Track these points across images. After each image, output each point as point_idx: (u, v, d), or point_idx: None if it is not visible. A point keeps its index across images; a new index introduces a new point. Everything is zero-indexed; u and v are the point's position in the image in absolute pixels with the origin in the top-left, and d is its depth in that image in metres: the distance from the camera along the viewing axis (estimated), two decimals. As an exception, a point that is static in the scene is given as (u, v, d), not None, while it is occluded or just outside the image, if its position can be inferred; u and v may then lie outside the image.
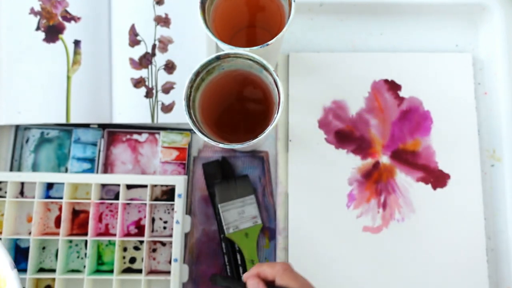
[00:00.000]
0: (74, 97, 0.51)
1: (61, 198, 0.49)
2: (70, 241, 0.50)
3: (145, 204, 0.50)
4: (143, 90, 0.52)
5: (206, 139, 0.39)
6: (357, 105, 0.52)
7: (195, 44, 0.53)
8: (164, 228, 0.51)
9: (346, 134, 0.52)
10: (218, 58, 0.41)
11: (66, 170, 0.52)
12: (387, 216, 0.50)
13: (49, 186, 0.51)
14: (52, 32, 0.52)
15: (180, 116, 0.52)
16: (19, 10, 0.52)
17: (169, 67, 0.52)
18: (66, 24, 0.52)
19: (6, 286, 0.36)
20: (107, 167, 0.52)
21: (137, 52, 0.52)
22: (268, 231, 0.50)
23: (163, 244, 0.51)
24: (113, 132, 0.53)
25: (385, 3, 0.54)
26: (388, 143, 0.52)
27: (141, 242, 0.51)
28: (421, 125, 0.52)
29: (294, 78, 0.53)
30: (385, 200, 0.50)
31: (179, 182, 0.48)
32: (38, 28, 0.52)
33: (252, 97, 0.51)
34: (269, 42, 0.40)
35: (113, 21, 0.53)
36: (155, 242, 0.51)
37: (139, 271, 0.50)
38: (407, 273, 0.49)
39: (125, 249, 0.50)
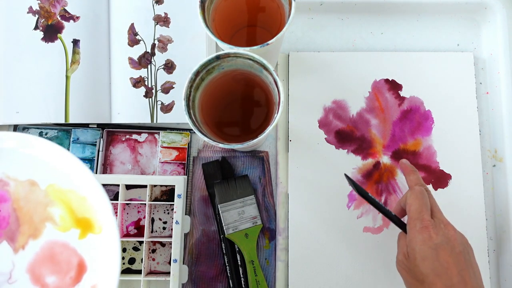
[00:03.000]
0: (72, 96, 0.51)
1: (60, 198, 0.49)
2: (69, 242, 0.50)
3: (145, 204, 0.50)
4: (142, 90, 0.52)
5: (206, 139, 0.39)
6: (357, 105, 0.52)
7: (195, 44, 0.52)
8: (164, 228, 0.51)
9: (346, 134, 0.52)
10: (218, 57, 0.41)
11: (65, 170, 0.51)
12: (388, 216, 0.50)
13: (48, 186, 0.51)
14: (51, 32, 0.52)
15: (179, 116, 0.52)
16: (17, 9, 0.51)
17: (169, 66, 0.52)
18: (64, 23, 0.52)
19: (102, 232, 0.37)
20: (106, 167, 0.52)
21: (137, 51, 0.52)
22: (268, 231, 0.50)
23: (163, 244, 0.50)
24: (112, 132, 0.52)
25: (386, 2, 0.54)
26: (389, 143, 0.51)
27: (141, 242, 0.50)
28: (422, 125, 0.52)
29: (294, 78, 0.53)
30: (386, 201, 0.50)
31: (178, 182, 0.48)
32: (36, 27, 0.52)
33: (252, 97, 0.51)
34: (269, 42, 0.40)
35: (112, 20, 0.52)
36: (154, 243, 0.50)
37: (138, 271, 0.50)
38: (408, 274, 0.49)
39: (124, 250, 0.50)
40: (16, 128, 0.51)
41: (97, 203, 0.37)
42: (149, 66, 0.52)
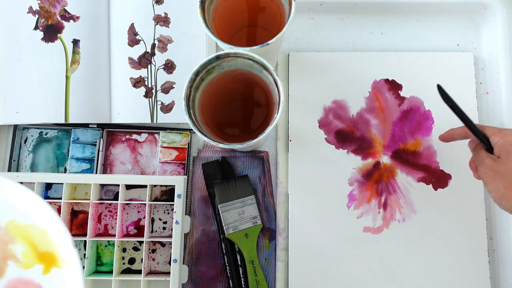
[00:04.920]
0: (73, 96, 0.51)
1: (60, 198, 0.49)
2: (69, 242, 0.50)
3: (145, 204, 0.50)
4: (142, 90, 0.52)
5: (206, 139, 0.39)
6: (357, 105, 0.52)
7: (195, 44, 0.52)
8: (164, 228, 0.51)
9: (346, 134, 0.52)
10: (218, 57, 0.41)
11: (65, 170, 0.51)
12: (388, 216, 0.50)
13: (48, 186, 0.51)
14: (51, 31, 0.52)
15: (179, 116, 0.52)
16: (17, 9, 0.51)
17: (169, 66, 0.52)
18: (64, 23, 0.52)
19: (65, 265, 0.36)
20: (106, 167, 0.52)
21: (137, 51, 0.52)
22: (268, 231, 0.50)
23: (163, 244, 0.50)
24: (112, 132, 0.52)
25: (386, 2, 0.54)
26: (389, 143, 0.51)
27: (141, 242, 0.50)
28: (422, 125, 0.52)
29: (294, 78, 0.53)
30: (386, 201, 0.50)
31: (178, 182, 0.48)
32: (36, 27, 0.52)
33: (252, 97, 0.51)
34: (269, 42, 0.40)
35: (112, 20, 0.52)
36: (154, 243, 0.50)
37: (138, 271, 0.50)
38: (408, 273, 0.49)
39: (124, 250, 0.50)
40: (16, 128, 0.51)
41: (58, 236, 0.36)
42: (149, 66, 0.52)
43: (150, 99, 0.52)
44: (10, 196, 0.37)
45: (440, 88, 0.42)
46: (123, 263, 0.50)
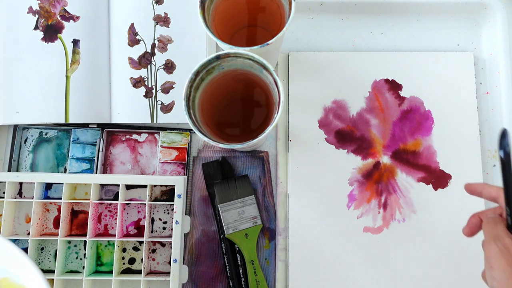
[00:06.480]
0: (72, 96, 0.51)
1: (60, 198, 0.49)
2: (69, 242, 0.50)
3: (145, 204, 0.50)
4: (142, 90, 0.52)
5: (206, 139, 0.39)
6: (357, 105, 0.52)
7: (195, 44, 0.52)
8: (164, 228, 0.51)
9: (346, 134, 0.52)
10: (218, 57, 0.41)
11: (65, 170, 0.51)
12: (388, 216, 0.50)
13: (48, 186, 0.51)
14: (51, 31, 0.52)
15: (179, 116, 0.52)
16: (17, 9, 0.51)
17: (169, 66, 0.52)
18: (64, 23, 0.52)
19: None
20: (106, 167, 0.52)
21: (137, 51, 0.52)
22: (268, 231, 0.50)
23: (163, 244, 0.50)
24: (112, 132, 0.52)
25: (386, 2, 0.54)
26: (389, 143, 0.51)
27: (141, 242, 0.50)
28: (422, 125, 0.52)
29: (294, 78, 0.53)
30: (386, 201, 0.50)
31: (178, 182, 0.48)
32: (36, 27, 0.52)
33: (252, 97, 0.51)
34: (269, 42, 0.40)
35: (112, 20, 0.52)
36: (154, 243, 0.50)
37: (138, 272, 0.50)
38: (408, 274, 0.49)
39: (124, 250, 0.50)
40: (16, 128, 0.51)
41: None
42: (149, 66, 0.52)
43: (150, 99, 0.52)
44: (6, 257, 0.39)
45: (504, 134, 0.33)
46: (123, 263, 0.50)
